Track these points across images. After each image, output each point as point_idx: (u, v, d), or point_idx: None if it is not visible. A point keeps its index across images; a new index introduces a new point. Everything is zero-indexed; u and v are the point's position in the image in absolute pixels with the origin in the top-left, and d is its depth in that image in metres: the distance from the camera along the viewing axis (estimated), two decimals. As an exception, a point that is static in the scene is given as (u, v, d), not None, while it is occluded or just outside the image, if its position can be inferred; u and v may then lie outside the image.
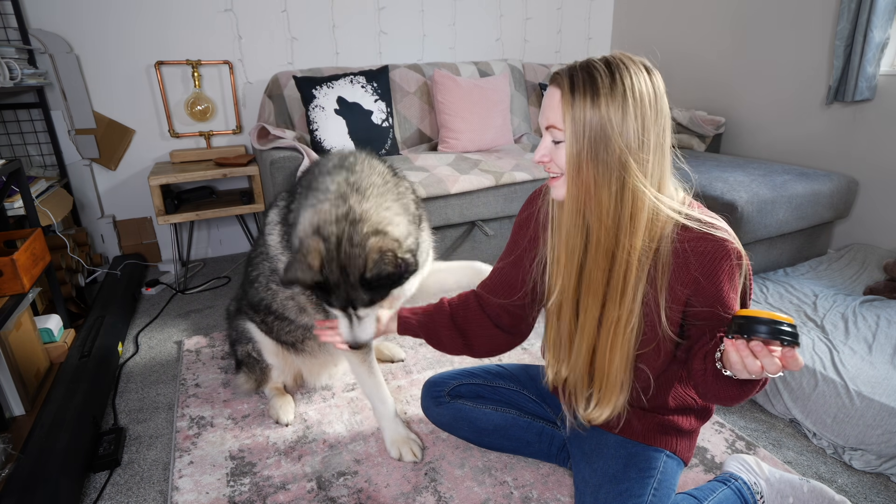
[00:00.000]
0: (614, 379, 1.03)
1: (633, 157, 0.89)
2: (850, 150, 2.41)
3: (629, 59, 0.91)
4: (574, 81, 0.90)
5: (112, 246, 2.77)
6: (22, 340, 1.61)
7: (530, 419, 1.36)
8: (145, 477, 1.41)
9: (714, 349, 0.92)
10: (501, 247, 2.56)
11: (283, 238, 1.34)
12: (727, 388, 0.92)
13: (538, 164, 1.00)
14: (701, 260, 0.94)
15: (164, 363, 1.94)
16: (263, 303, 1.49)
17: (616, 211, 0.92)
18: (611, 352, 1.01)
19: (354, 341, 1.17)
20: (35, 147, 2.51)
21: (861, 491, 1.33)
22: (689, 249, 0.95)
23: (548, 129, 0.96)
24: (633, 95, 0.88)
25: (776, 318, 0.78)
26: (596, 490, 1.10)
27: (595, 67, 0.90)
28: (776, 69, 2.66)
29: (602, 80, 0.88)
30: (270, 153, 2.27)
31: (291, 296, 1.42)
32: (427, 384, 1.45)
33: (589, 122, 0.89)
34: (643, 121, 0.89)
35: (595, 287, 0.99)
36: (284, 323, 1.50)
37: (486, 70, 3.02)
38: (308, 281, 1.05)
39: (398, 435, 1.45)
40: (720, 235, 0.94)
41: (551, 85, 0.96)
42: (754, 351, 0.80)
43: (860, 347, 1.59)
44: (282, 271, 1.34)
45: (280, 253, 1.36)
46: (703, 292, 0.95)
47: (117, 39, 2.55)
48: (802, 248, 2.38)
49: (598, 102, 0.88)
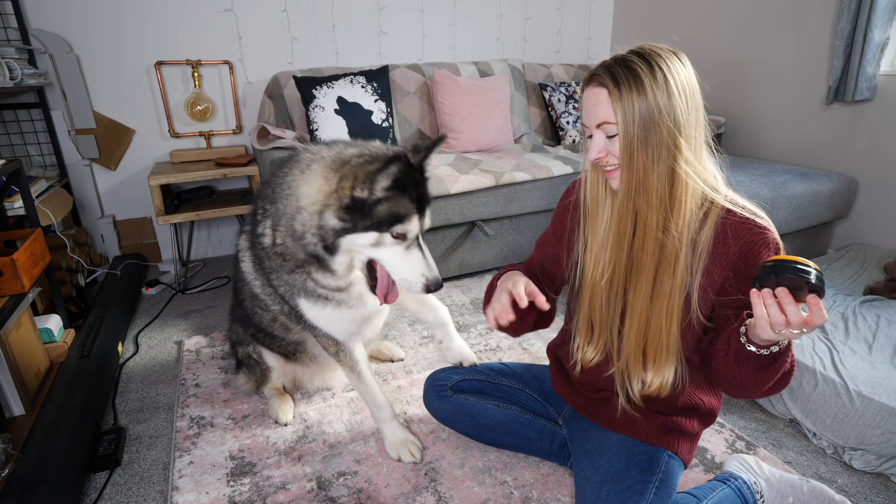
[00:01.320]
0: (670, 348, 1.04)
1: (682, 135, 0.94)
2: (850, 150, 2.41)
3: (658, 47, 0.96)
4: (616, 77, 0.94)
5: (112, 246, 2.77)
6: (22, 340, 1.61)
7: (532, 417, 1.36)
8: (145, 477, 1.41)
9: (739, 326, 0.94)
10: (501, 247, 2.56)
11: (255, 263, 1.32)
12: (750, 371, 0.93)
13: (595, 161, 1.01)
14: (741, 245, 0.97)
15: (164, 363, 1.94)
16: (252, 322, 1.50)
17: (665, 192, 0.96)
18: (667, 321, 1.03)
19: (435, 277, 1.13)
20: (35, 147, 2.51)
21: (861, 491, 1.33)
22: (730, 233, 0.98)
23: (599, 126, 0.98)
24: (674, 77, 0.93)
25: (804, 261, 0.79)
26: (598, 488, 1.10)
27: (631, 60, 0.94)
28: (776, 69, 2.67)
29: (642, 69, 0.92)
30: (270, 153, 2.27)
31: (274, 318, 1.42)
32: (430, 378, 1.46)
33: (638, 110, 0.93)
34: (686, 99, 0.94)
35: (646, 268, 1.02)
36: (275, 340, 1.52)
37: (486, 70, 3.02)
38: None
39: (397, 437, 1.45)
40: (763, 224, 0.98)
41: (591, 86, 0.98)
42: (779, 299, 0.80)
43: (860, 347, 1.59)
44: (260, 294, 1.35)
45: (254, 278, 1.35)
46: (739, 277, 0.98)
47: (117, 39, 2.55)
48: (802, 248, 2.38)
49: (643, 91, 0.92)
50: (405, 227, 1.09)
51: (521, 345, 2.00)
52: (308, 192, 1.11)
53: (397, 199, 1.07)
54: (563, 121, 3.07)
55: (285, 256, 1.20)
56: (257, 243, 1.25)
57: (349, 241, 1.10)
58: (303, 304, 1.28)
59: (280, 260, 1.21)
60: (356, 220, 1.07)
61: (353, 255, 1.15)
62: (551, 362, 1.38)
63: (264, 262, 1.27)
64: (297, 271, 1.22)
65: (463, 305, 2.32)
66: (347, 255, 1.15)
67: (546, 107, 3.19)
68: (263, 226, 1.22)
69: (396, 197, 1.07)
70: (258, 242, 1.25)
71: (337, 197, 1.08)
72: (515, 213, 2.47)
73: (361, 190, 1.06)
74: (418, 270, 1.13)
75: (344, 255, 1.14)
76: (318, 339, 1.40)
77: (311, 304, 1.27)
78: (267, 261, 1.26)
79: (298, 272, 1.22)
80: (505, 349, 1.98)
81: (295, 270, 1.22)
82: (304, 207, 1.11)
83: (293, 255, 1.19)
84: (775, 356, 0.90)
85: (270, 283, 1.30)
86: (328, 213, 1.08)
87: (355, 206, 1.07)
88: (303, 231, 1.13)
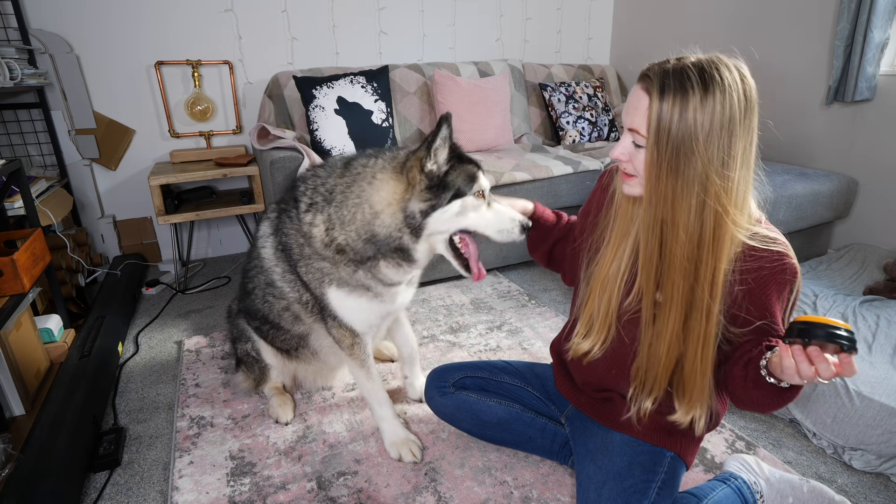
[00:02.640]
0: (704, 390, 1.01)
1: (716, 174, 0.86)
2: (850, 150, 2.41)
3: (724, 66, 0.86)
4: (664, 87, 0.86)
5: (112, 246, 2.77)
6: (22, 340, 1.61)
7: (534, 415, 1.36)
8: (145, 477, 1.41)
9: (759, 357, 0.91)
10: (501, 247, 2.56)
11: (277, 249, 1.36)
12: (766, 395, 0.91)
13: (615, 160, 0.98)
14: (759, 273, 0.94)
15: (164, 363, 1.94)
16: (260, 313, 1.50)
17: (695, 229, 0.90)
18: (702, 363, 0.98)
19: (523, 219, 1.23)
20: (35, 147, 2.51)
21: (861, 491, 1.33)
22: (746, 256, 0.95)
23: (630, 130, 0.93)
24: (724, 108, 0.84)
25: (835, 323, 0.78)
26: (600, 487, 1.10)
27: (688, 74, 0.85)
28: (776, 69, 2.67)
29: (693, 90, 0.84)
30: (270, 153, 2.27)
31: (287, 306, 1.43)
32: (432, 374, 1.46)
33: (674, 132, 0.85)
34: (730, 137, 0.85)
35: (675, 299, 0.96)
36: (280, 332, 1.52)
37: (486, 70, 3.02)
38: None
39: (397, 436, 1.45)
40: (779, 249, 0.94)
41: (639, 84, 0.91)
42: (811, 356, 0.78)
43: (860, 347, 1.59)
44: (278, 281, 1.38)
45: (275, 265, 1.37)
46: (753, 299, 0.95)
47: (117, 39, 2.55)
48: (802, 248, 2.38)
49: (685, 113, 0.84)
50: (480, 184, 1.19)
51: (521, 345, 2.00)
52: (384, 197, 1.19)
53: (461, 164, 1.18)
54: (563, 121, 3.07)
55: (345, 252, 1.24)
56: (292, 231, 1.29)
57: (435, 222, 1.17)
58: (332, 293, 1.31)
59: (333, 253, 1.25)
60: (439, 193, 1.16)
61: (435, 239, 1.22)
62: (554, 361, 1.37)
63: (293, 249, 1.30)
64: (351, 265, 1.26)
65: (463, 305, 2.32)
66: (428, 242, 1.22)
67: (546, 107, 3.19)
68: (314, 218, 1.25)
69: (459, 163, 1.18)
70: (297, 230, 1.28)
71: (412, 188, 1.17)
72: (515, 213, 2.47)
73: (431, 164, 1.14)
74: (509, 217, 1.22)
75: (425, 241, 1.21)
76: (334, 331, 1.39)
77: (343, 293, 1.30)
78: (300, 249, 1.28)
79: (353, 266, 1.26)
80: (505, 349, 1.98)
81: (352, 264, 1.26)
82: (381, 211, 1.19)
83: (360, 252, 1.23)
84: (795, 385, 0.88)
85: (296, 270, 1.32)
86: (412, 202, 1.17)
87: (432, 184, 1.15)
88: (387, 232, 1.19)
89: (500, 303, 2.35)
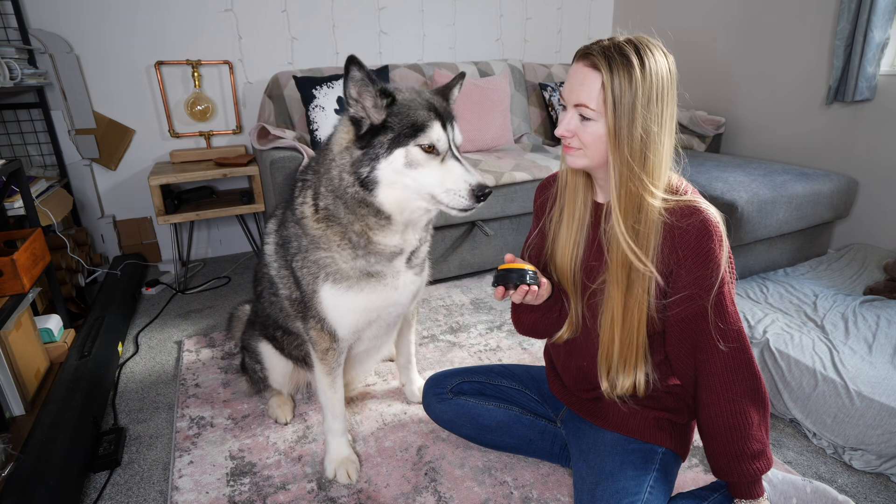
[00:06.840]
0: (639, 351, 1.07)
1: (651, 140, 0.94)
2: (850, 150, 2.41)
3: (651, 43, 0.95)
4: (611, 62, 0.92)
5: (112, 246, 2.77)
6: (22, 340, 1.61)
7: (533, 417, 1.36)
8: (145, 477, 1.41)
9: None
10: (501, 247, 2.56)
11: (277, 245, 1.35)
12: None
13: (560, 136, 1.02)
14: (684, 235, 0.99)
15: (164, 363, 1.94)
16: (270, 318, 1.49)
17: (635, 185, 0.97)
18: (638, 325, 1.05)
19: (479, 182, 1.09)
20: (35, 147, 2.51)
21: (861, 491, 1.33)
22: (674, 224, 0.99)
23: (576, 106, 0.98)
24: (657, 79, 0.93)
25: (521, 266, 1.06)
26: (593, 488, 1.10)
27: (626, 49, 0.93)
28: (776, 69, 2.66)
29: (634, 62, 0.92)
30: (271, 153, 2.26)
31: (282, 307, 1.41)
32: (429, 381, 1.46)
33: (627, 101, 0.92)
34: (662, 105, 0.94)
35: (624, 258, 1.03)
36: (291, 337, 1.48)
37: (486, 70, 3.02)
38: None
39: (340, 454, 1.41)
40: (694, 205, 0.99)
41: (582, 62, 0.96)
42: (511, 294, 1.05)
43: (860, 347, 1.59)
44: (275, 277, 1.37)
45: (273, 260, 1.37)
46: (679, 258, 1.00)
47: (117, 39, 2.54)
48: (802, 248, 2.38)
49: (633, 84, 0.92)
50: (429, 136, 1.09)
51: (521, 345, 2.00)
52: (337, 140, 1.18)
53: (409, 109, 1.11)
54: (563, 121, 3.07)
55: (330, 220, 1.20)
56: (291, 223, 1.28)
57: (382, 171, 1.11)
58: (326, 291, 1.24)
59: (325, 229, 1.21)
60: (370, 140, 1.10)
61: (402, 197, 1.14)
62: (547, 363, 1.38)
63: (291, 242, 1.28)
64: (347, 246, 1.21)
65: (463, 305, 2.32)
66: (391, 191, 1.13)
67: (546, 107, 3.19)
68: (303, 197, 1.24)
69: (407, 108, 1.11)
70: (294, 221, 1.26)
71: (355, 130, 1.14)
72: (515, 213, 2.47)
73: (354, 110, 1.11)
74: (459, 177, 1.10)
75: (386, 189, 1.13)
76: (312, 332, 1.33)
77: (340, 290, 1.24)
78: (297, 241, 1.26)
79: (349, 247, 1.21)
80: (505, 349, 1.98)
81: (347, 245, 1.21)
82: (335, 158, 1.17)
83: (336, 214, 1.19)
84: None
85: (290, 265, 1.29)
86: (353, 149, 1.13)
87: (363, 131, 1.12)
88: (339, 174, 1.16)
89: (500, 303, 2.35)
